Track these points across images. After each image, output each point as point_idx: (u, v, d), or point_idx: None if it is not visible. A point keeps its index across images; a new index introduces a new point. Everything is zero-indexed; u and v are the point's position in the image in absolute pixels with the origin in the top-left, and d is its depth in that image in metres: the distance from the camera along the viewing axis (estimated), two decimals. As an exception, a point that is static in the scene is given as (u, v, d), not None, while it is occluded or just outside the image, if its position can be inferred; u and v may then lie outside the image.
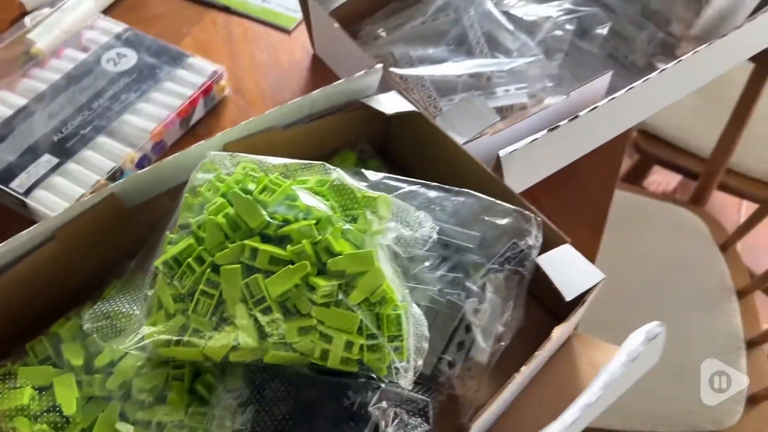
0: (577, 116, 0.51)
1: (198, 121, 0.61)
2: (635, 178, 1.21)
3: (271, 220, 0.39)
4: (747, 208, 1.58)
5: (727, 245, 0.96)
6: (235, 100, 0.63)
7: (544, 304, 0.48)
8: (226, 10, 0.71)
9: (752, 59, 0.67)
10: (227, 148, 0.47)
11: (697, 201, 1.02)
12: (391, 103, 0.52)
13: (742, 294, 0.91)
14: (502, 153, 0.49)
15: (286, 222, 0.39)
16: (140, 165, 0.56)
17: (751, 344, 0.86)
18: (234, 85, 0.64)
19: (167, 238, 0.41)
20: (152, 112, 0.57)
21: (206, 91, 0.60)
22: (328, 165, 0.43)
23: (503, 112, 0.59)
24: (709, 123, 1.02)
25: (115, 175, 0.54)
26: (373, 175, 0.46)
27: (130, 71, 0.60)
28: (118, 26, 0.64)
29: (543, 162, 0.52)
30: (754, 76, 0.84)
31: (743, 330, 0.87)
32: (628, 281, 0.90)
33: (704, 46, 0.55)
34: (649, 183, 1.61)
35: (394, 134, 0.56)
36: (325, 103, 0.52)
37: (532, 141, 0.49)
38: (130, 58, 0.61)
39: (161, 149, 0.58)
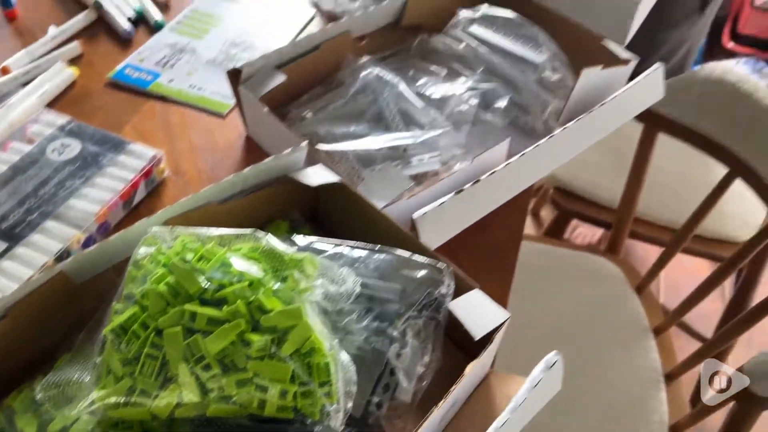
0: (478, 180, 0.58)
1: (140, 202, 0.66)
2: (556, 232, 1.30)
3: (207, 285, 0.44)
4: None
5: (641, 288, 1.04)
6: (174, 181, 0.68)
7: (459, 345, 0.54)
8: (164, 99, 0.77)
9: (639, 119, 0.77)
10: (167, 223, 0.52)
11: (612, 249, 1.11)
12: (316, 176, 0.58)
13: (658, 332, 0.99)
14: (415, 215, 0.55)
15: (222, 286, 0.44)
16: (86, 245, 0.60)
17: (669, 377, 0.93)
18: (173, 167, 0.69)
19: (114, 308, 0.45)
20: (96, 196, 0.62)
21: (147, 174, 0.65)
22: (259, 232, 0.48)
23: (419, 178, 0.66)
24: (615, 177, 1.12)
25: (62, 256, 0.57)
26: (302, 240, 0.52)
27: (74, 159, 0.65)
28: (61, 118, 0.69)
29: (453, 221, 0.59)
30: (644, 133, 0.95)
31: (661, 365, 0.95)
32: (551, 327, 0.97)
33: (585, 114, 0.64)
34: (575, 236, 1.71)
35: (322, 203, 0.62)
36: (256, 178, 0.58)
37: (441, 203, 0.56)
38: (74, 148, 0.66)
39: (105, 229, 0.62)
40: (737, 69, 2.21)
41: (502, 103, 0.73)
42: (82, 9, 0.88)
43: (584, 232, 1.72)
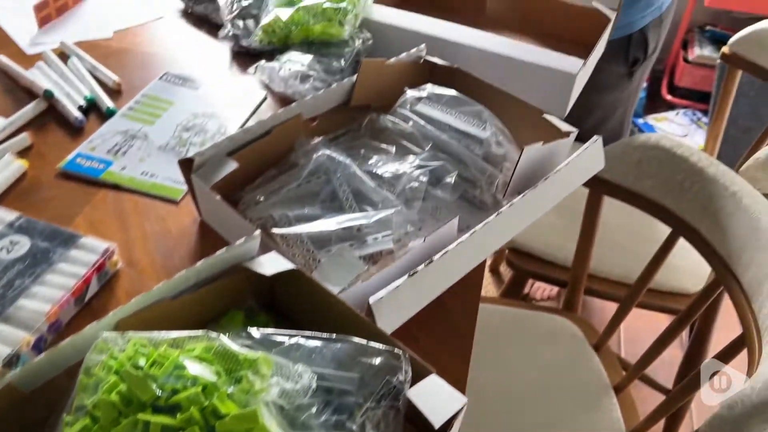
0: (431, 261, 0.59)
1: (92, 297, 0.65)
2: (515, 290, 1.32)
3: (161, 392, 0.43)
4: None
5: (600, 346, 1.06)
6: (128, 272, 0.68)
7: (420, 430, 0.54)
8: (116, 187, 0.77)
9: (584, 183, 0.80)
10: (120, 324, 0.52)
11: (569, 308, 1.13)
12: (271, 264, 0.59)
13: (618, 389, 1.00)
14: (371, 300, 0.56)
15: (175, 392, 0.43)
16: (36, 347, 0.59)
17: (633, 435, 0.94)
18: (126, 257, 0.69)
19: (64, 420, 0.44)
20: (47, 294, 0.61)
21: (99, 268, 0.65)
22: (212, 333, 0.48)
23: (374, 257, 0.67)
24: (567, 236, 1.15)
25: (11, 360, 0.56)
26: (257, 333, 0.52)
27: (23, 257, 0.64)
28: (10, 215, 0.68)
29: (408, 303, 0.60)
30: (590, 197, 0.98)
31: (624, 423, 0.96)
32: (513, 392, 0.97)
33: (530, 190, 0.67)
34: (534, 289, 1.74)
35: (278, 290, 0.62)
36: (209, 271, 0.58)
37: (396, 287, 0.57)
38: (23, 245, 0.65)
39: (57, 328, 0.61)
40: (677, 119, 2.32)
41: (450, 179, 0.75)
42: (31, 99, 0.88)
43: (543, 285, 1.74)
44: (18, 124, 0.84)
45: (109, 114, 0.88)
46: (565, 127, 0.78)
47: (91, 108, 0.89)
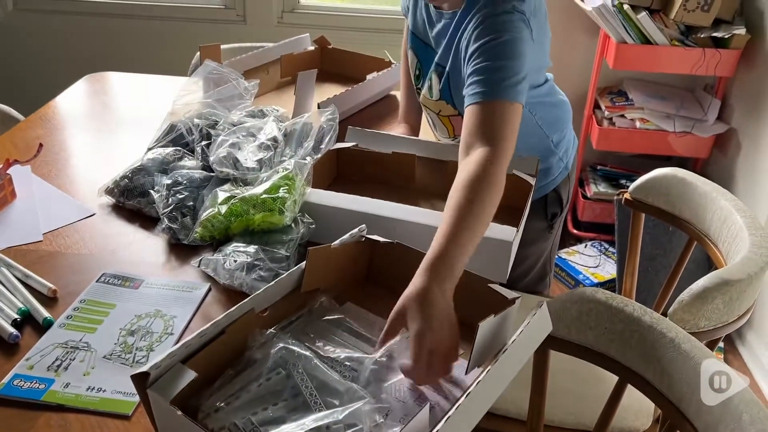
0: (411, 457, 0.58)
1: None
2: (473, 451, 1.30)
3: None
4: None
5: (568, 501, 1.04)
6: None
7: None
8: (61, 408, 0.72)
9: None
10: None
11: (530, 463, 1.11)
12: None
13: None
14: None
15: None
16: None
17: None
18: (78, 491, 0.63)
19: None
20: None
21: None
22: None
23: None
24: (519, 390, 1.16)
25: None
26: None
27: None
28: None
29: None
30: (537, 354, 1.01)
31: None
32: None
33: (491, 365, 0.68)
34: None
35: None
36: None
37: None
38: (-38, 495, 0.59)
39: None
40: (586, 251, 2.46)
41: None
42: (-41, 318, 0.83)
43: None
44: (-55, 350, 0.79)
45: (46, 325, 0.84)
46: (511, 294, 0.82)
47: (26, 320, 0.85)
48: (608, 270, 2.38)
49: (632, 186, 1.32)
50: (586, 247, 2.47)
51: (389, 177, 1.21)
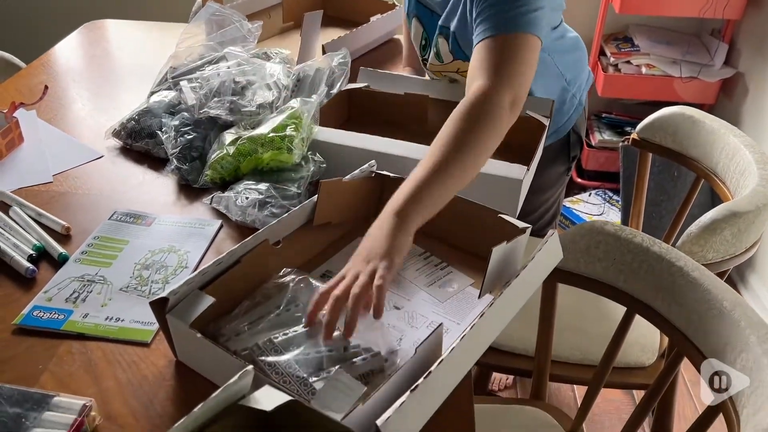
0: (430, 372, 0.60)
1: (72, 460, 0.60)
2: (479, 387, 1.33)
3: None
4: (578, 387, 1.76)
5: (573, 430, 1.07)
6: (108, 427, 0.64)
7: None
8: (81, 337, 0.74)
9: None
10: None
11: (537, 396, 1.14)
12: (268, 399, 0.57)
13: (602, 473, 1.00)
14: (379, 423, 0.55)
15: None
16: None
17: None
18: (104, 411, 0.65)
19: None
20: (25, 466, 0.56)
21: (78, 428, 0.61)
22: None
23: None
24: (526, 326, 1.18)
25: None
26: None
27: (-8, 428, 0.59)
28: (-30, 382, 0.63)
29: (414, 417, 0.59)
30: (545, 287, 1.02)
31: (615, 508, 0.95)
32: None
33: (505, 289, 0.69)
34: (492, 383, 1.74)
35: (275, 424, 0.60)
36: (206, 415, 0.55)
37: (401, 405, 0.56)
38: (-10, 415, 0.60)
39: (39, 503, 0.56)
40: (591, 200, 2.47)
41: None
42: (-25, 254, 0.84)
43: (498, 376, 1.75)
44: (-36, 283, 0.80)
45: (61, 260, 0.85)
46: (521, 224, 0.82)
47: (41, 256, 0.86)
48: (612, 218, 2.39)
49: (639, 125, 1.32)
50: (590, 195, 2.47)
51: (401, 119, 1.20)
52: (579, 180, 2.50)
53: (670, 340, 0.88)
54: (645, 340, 1.23)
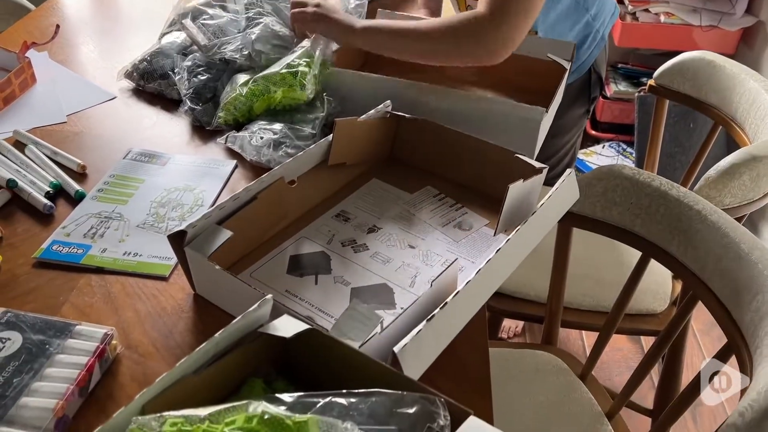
0: (446, 303, 0.60)
1: (96, 385, 0.62)
2: (490, 334, 1.34)
3: (215, 469, 0.41)
4: (586, 333, 1.78)
5: (584, 375, 1.08)
6: (129, 356, 0.65)
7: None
8: (100, 271, 0.75)
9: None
10: (146, 408, 0.49)
11: (548, 341, 1.15)
12: (288, 327, 0.58)
13: (610, 415, 1.02)
14: (396, 349, 0.56)
15: (231, 466, 0.42)
16: (45, 446, 0.55)
17: (633, 458, 0.96)
18: (124, 341, 0.66)
19: None
20: (50, 389, 0.57)
21: (100, 355, 0.62)
22: (253, 402, 0.47)
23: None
24: (538, 273, 1.19)
25: (22, 465, 0.52)
26: (288, 397, 0.50)
27: (17, 354, 0.60)
28: (-6, 311, 0.64)
29: (430, 347, 0.60)
30: (560, 231, 1.02)
31: (622, 448, 0.97)
32: (512, 427, 0.98)
33: (521, 225, 0.69)
34: (502, 331, 1.76)
35: (293, 352, 0.61)
36: (227, 341, 0.56)
37: (417, 333, 0.57)
38: (15, 341, 0.61)
39: (64, 424, 0.57)
40: (604, 152, 2.45)
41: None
42: (-8, 190, 0.85)
43: (508, 324, 1.77)
44: (-17, 218, 0.81)
45: (78, 198, 0.85)
46: (537, 164, 0.81)
47: (58, 194, 0.86)
48: (625, 171, 2.37)
49: (657, 71, 1.29)
50: (603, 147, 2.45)
51: (419, 63, 1.18)
52: (593, 132, 2.48)
53: (685, 284, 0.88)
54: (657, 288, 1.23)
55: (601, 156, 2.41)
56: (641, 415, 1.18)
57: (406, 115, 0.91)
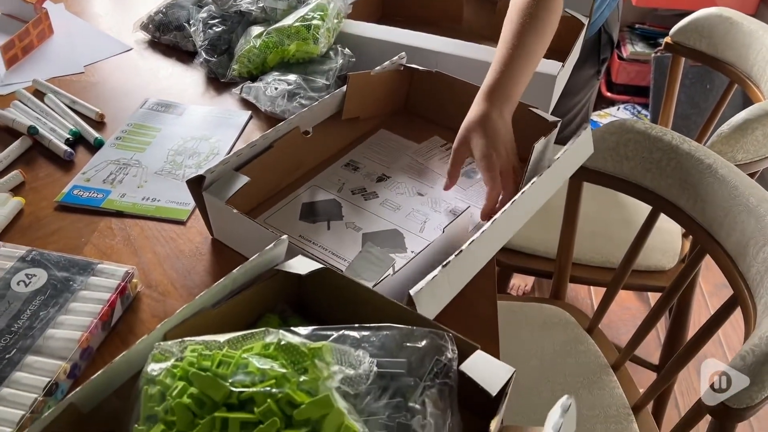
0: (461, 251, 0.62)
1: (118, 320, 0.64)
2: (500, 287, 1.36)
3: (233, 389, 0.44)
4: (594, 291, 1.80)
5: (591, 328, 1.10)
6: (149, 294, 0.67)
7: (470, 407, 0.55)
8: (120, 214, 0.77)
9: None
10: (167, 336, 0.52)
11: (556, 296, 1.17)
12: (302, 265, 0.60)
13: (615, 367, 1.04)
14: (412, 292, 0.57)
15: (247, 388, 0.44)
16: (72, 375, 0.58)
17: (636, 409, 0.98)
18: (144, 280, 0.69)
19: (135, 430, 0.44)
20: (75, 322, 0.60)
21: (122, 292, 0.64)
22: (270, 329, 0.49)
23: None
24: (547, 229, 1.20)
25: (51, 390, 0.55)
26: (303, 330, 0.53)
27: (43, 289, 0.63)
28: (19, 249, 0.67)
29: (444, 292, 0.62)
30: (571, 186, 1.03)
31: (626, 398, 0.99)
32: (520, 377, 1.00)
33: (537, 177, 0.70)
34: (510, 289, 1.78)
35: (308, 292, 0.63)
36: (245, 277, 0.58)
37: (433, 278, 0.59)
38: (41, 277, 0.64)
39: (89, 355, 0.60)
40: (619, 114, 2.43)
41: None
42: (13, 138, 0.87)
43: (517, 283, 1.79)
44: (6, 163, 0.83)
45: (97, 145, 0.87)
46: (551, 118, 0.82)
47: (78, 141, 0.88)
48: (639, 134, 2.36)
49: (674, 28, 1.28)
50: (618, 110, 2.43)
51: (435, 18, 1.17)
52: (608, 94, 2.45)
53: (693, 237, 0.89)
54: (666, 245, 1.24)
55: (615, 118, 2.39)
56: (647, 370, 1.20)
57: (420, 68, 0.91)
